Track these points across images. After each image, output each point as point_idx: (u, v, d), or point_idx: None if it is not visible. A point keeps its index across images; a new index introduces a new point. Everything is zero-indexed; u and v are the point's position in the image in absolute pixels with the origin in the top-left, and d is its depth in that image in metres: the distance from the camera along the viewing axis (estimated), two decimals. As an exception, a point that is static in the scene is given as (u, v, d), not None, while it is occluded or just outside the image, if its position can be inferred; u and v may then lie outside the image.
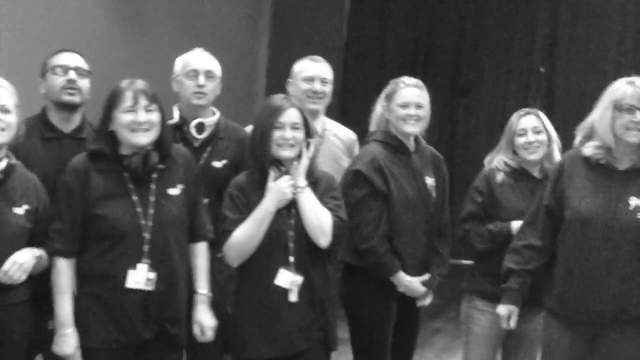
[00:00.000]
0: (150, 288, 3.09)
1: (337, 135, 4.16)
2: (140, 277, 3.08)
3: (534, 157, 3.83)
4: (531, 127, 3.85)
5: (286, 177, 3.25)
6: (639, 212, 3.39)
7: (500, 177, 3.85)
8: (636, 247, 3.37)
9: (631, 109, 3.34)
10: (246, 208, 3.25)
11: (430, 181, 3.90)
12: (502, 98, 6.90)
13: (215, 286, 3.40)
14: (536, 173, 3.88)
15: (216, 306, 3.49)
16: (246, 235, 3.22)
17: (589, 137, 3.51)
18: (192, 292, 3.33)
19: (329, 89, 4.10)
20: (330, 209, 3.31)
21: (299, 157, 3.30)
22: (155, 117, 3.13)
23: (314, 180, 3.34)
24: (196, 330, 3.30)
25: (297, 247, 3.27)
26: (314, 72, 4.05)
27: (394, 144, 3.85)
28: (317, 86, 4.02)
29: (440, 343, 6.23)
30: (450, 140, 8.45)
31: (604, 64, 8.04)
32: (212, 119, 3.80)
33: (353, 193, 3.77)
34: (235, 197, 3.29)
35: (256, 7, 8.77)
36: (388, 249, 3.75)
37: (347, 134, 4.23)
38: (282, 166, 3.27)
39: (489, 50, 8.71)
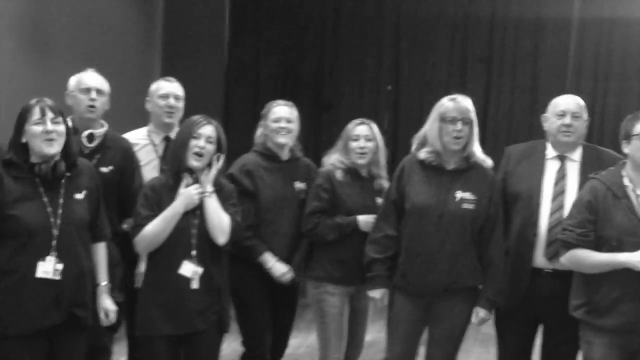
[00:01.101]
0: (57, 277, 3.06)
1: None
2: (48, 268, 3.05)
3: (362, 160, 3.92)
4: (364, 135, 3.91)
5: (195, 185, 3.34)
6: (463, 202, 3.56)
7: (339, 175, 3.89)
8: (461, 230, 3.56)
9: (453, 120, 3.55)
10: (157, 206, 3.31)
11: (300, 185, 3.97)
12: (357, 112, 7.03)
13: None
14: (363, 173, 3.95)
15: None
16: (156, 230, 3.28)
17: (423, 143, 3.69)
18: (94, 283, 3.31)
19: (181, 104, 4.07)
20: (230, 214, 3.40)
21: (209, 166, 3.37)
22: (60, 128, 3.11)
23: (218, 187, 3.43)
24: (101, 315, 3.32)
25: (198, 242, 3.33)
26: (167, 89, 4.05)
27: (267, 154, 3.97)
28: (172, 102, 4.02)
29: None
30: (315, 148, 8.50)
31: (436, 84, 8.20)
32: (101, 130, 3.80)
33: None
34: (149, 197, 3.35)
35: (149, 36, 8.71)
36: (252, 235, 3.78)
37: None
38: (194, 173, 3.35)
39: (345, 72, 8.71)
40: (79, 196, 3.19)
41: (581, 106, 3.82)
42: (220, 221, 3.35)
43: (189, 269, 3.31)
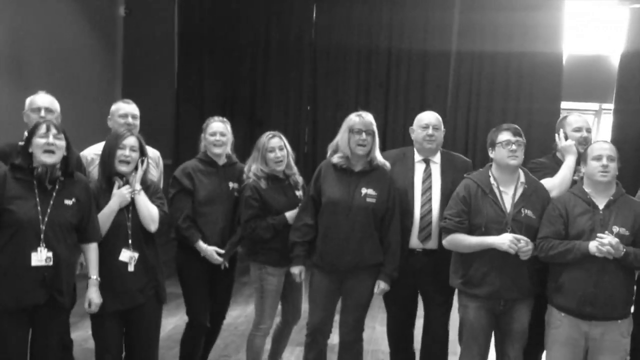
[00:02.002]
0: (49, 264, 3.05)
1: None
2: (41, 257, 3.04)
3: (280, 167, 3.88)
4: (277, 146, 3.86)
5: (126, 186, 3.32)
6: (367, 197, 3.58)
7: (263, 184, 3.82)
8: (366, 219, 3.57)
9: (359, 131, 3.59)
10: (95, 207, 3.26)
11: (233, 185, 3.94)
12: (283, 127, 7.06)
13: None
14: (281, 175, 3.91)
15: None
16: None
17: (335, 150, 3.70)
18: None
19: (137, 122, 3.98)
20: (157, 206, 3.39)
21: (136, 169, 3.35)
22: (61, 142, 3.13)
23: (146, 185, 3.40)
24: (85, 305, 3.26)
25: (133, 233, 3.31)
26: (126, 110, 3.96)
27: (206, 160, 3.94)
28: (130, 120, 3.93)
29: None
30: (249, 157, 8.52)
31: (346, 104, 8.25)
32: None
33: (170, 190, 3.85)
34: None
35: (111, 65, 8.60)
36: (189, 225, 3.75)
37: (154, 152, 4.16)
38: (123, 177, 3.33)
39: (274, 95, 8.71)
40: (68, 202, 3.15)
41: (440, 120, 3.84)
42: (150, 213, 3.33)
43: (127, 255, 3.29)
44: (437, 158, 3.83)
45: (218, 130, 3.92)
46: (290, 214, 3.82)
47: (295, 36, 8.70)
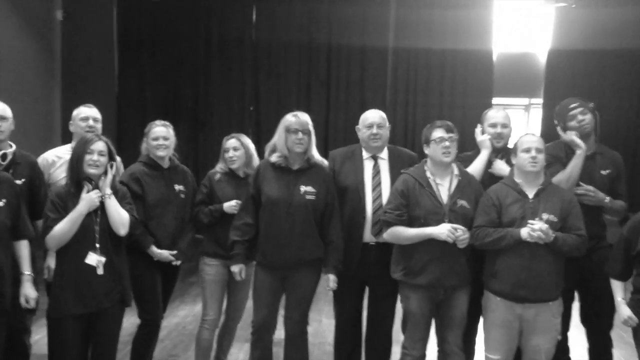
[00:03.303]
0: None
1: None
2: None
3: (234, 166, 3.97)
4: (232, 147, 3.97)
5: (95, 190, 3.26)
6: (306, 194, 3.59)
7: (217, 176, 3.96)
8: (306, 216, 3.59)
9: (295, 131, 3.60)
10: (64, 210, 3.21)
11: (179, 187, 3.93)
12: (227, 128, 7.03)
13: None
14: (240, 174, 3.99)
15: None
16: (64, 229, 3.18)
17: (273, 150, 3.70)
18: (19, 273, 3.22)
19: (99, 125, 3.96)
20: (127, 210, 3.35)
21: (105, 174, 3.31)
22: None
23: (115, 190, 3.36)
24: (22, 300, 3.21)
25: (101, 237, 3.25)
26: (87, 113, 3.94)
27: (150, 163, 3.89)
28: (91, 123, 3.91)
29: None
30: (194, 158, 8.43)
31: (288, 104, 8.20)
32: (10, 150, 3.65)
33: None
34: (56, 202, 3.23)
35: (50, 70, 8.41)
36: (143, 230, 3.71)
37: (117, 157, 4.15)
38: (92, 181, 3.28)
39: (216, 97, 8.69)
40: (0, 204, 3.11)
41: (384, 118, 3.86)
42: (120, 217, 3.30)
43: (94, 259, 3.23)
44: (384, 154, 3.86)
45: (161, 135, 3.89)
46: (227, 204, 3.87)
47: (235, 36, 8.69)
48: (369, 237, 3.75)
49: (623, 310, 3.24)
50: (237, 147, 4.00)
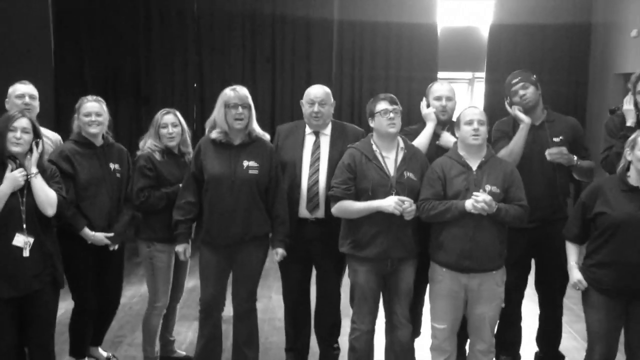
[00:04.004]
0: None
1: (48, 136, 3.92)
2: None
3: (172, 143, 3.86)
4: (170, 122, 3.85)
5: (19, 169, 3.16)
6: (250, 169, 3.57)
7: (158, 156, 3.81)
8: (250, 191, 3.58)
9: (235, 105, 3.55)
10: None
11: (114, 166, 3.81)
12: (170, 105, 6.87)
13: None
14: (175, 151, 3.89)
15: None
16: None
17: (213, 126, 3.65)
18: None
19: (36, 102, 3.85)
20: (55, 190, 3.26)
21: (31, 152, 3.21)
22: None
23: (42, 169, 3.26)
24: None
25: (28, 217, 3.17)
26: (23, 90, 3.81)
27: (82, 141, 3.76)
28: (27, 100, 3.78)
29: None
30: (136, 135, 8.22)
31: (233, 80, 8.03)
32: None
33: None
34: None
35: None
36: (74, 212, 3.60)
37: (55, 135, 4.04)
38: (16, 159, 3.17)
39: (158, 72, 8.47)
40: None
41: (328, 94, 3.82)
42: (47, 197, 3.21)
43: (21, 240, 3.16)
44: (327, 130, 3.84)
45: (93, 110, 3.74)
46: None
47: (176, 9, 8.50)
48: (305, 213, 3.76)
49: (574, 274, 3.34)
50: (176, 122, 3.88)
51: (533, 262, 3.93)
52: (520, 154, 3.67)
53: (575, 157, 3.72)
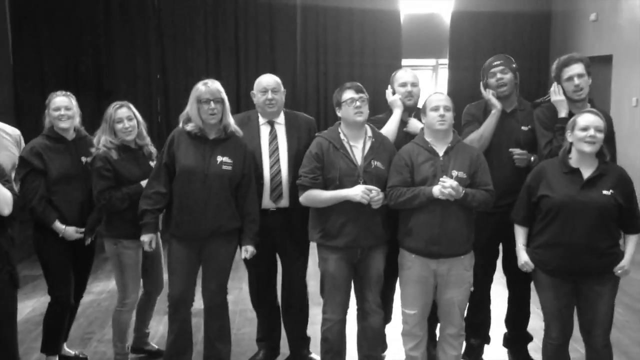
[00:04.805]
0: None
1: (6, 131, 3.87)
2: None
3: (130, 137, 3.77)
4: (125, 116, 3.73)
5: None
6: (223, 165, 3.54)
7: (114, 154, 3.71)
8: (223, 187, 3.55)
9: (207, 101, 3.53)
10: None
11: (87, 159, 3.77)
12: (133, 98, 6.80)
13: None
14: (133, 145, 3.81)
15: None
16: None
17: (188, 120, 3.60)
18: None
19: None
20: (8, 189, 3.17)
21: None
22: None
23: None
24: None
25: None
26: None
27: (54, 136, 3.73)
28: None
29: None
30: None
31: (197, 71, 8.12)
32: None
33: (19, 171, 3.64)
34: None
35: None
36: (45, 206, 3.58)
37: (14, 131, 3.96)
38: None
39: (120, 65, 8.42)
40: None
41: (278, 82, 3.80)
42: (3, 197, 3.12)
43: None
44: (281, 119, 3.83)
45: (62, 105, 3.72)
46: (145, 182, 3.70)
47: (137, 0, 8.39)
48: (268, 203, 3.74)
49: (521, 256, 3.41)
50: (131, 116, 3.78)
51: (501, 247, 3.98)
52: (489, 139, 3.69)
53: (533, 157, 3.70)
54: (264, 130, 3.80)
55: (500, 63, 3.78)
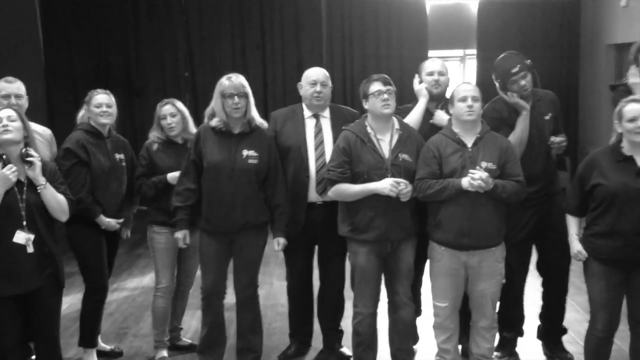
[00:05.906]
0: None
1: (37, 131, 3.87)
2: None
3: (173, 133, 3.91)
4: (169, 113, 3.89)
5: (9, 165, 3.11)
6: (249, 159, 3.57)
7: (155, 146, 3.89)
8: (250, 180, 3.59)
9: (231, 95, 3.55)
10: None
11: (119, 156, 3.89)
12: (162, 95, 6.84)
13: None
14: (179, 140, 3.93)
15: None
16: None
17: (212, 115, 3.64)
18: None
19: (22, 100, 3.76)
20: (62, 192, 3.25)
21: (31, 164, 3.15)
22: None
23: (43, 170, 3.23)
24: None
25: (28, 214, 3.14)
26: (8, 90, 3.73)
27: (92, 131, 3.81)
28: (13, 101, 3.70)
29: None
30: (130, 127, 8.24)
31: (224, 68, 8.08)
32: None
33: (64, 162, 3.68)
34: None
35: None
36: (92, 199, 3.69)
37: (45, 130, 4.00)
38: (3, 155, 3.13)
39: (150, 63, 8.48)
40: None
41: (327, 76, 3.84)
42: (59, 205, 3.23)
43: (22, 237, 3.13)
44: (326, 113, 3.84)
45: (104, 102, 3.83)
46: (171, 175, 3.82)
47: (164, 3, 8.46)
48: (315, 197, 3.75)
49: (574, 245, 3.36)
50: (174, 112, 3.93)
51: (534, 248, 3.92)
52: (526, 140, 3.63)
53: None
54: (309, 124, 3.82)
55: (519, 69, 3.62)
